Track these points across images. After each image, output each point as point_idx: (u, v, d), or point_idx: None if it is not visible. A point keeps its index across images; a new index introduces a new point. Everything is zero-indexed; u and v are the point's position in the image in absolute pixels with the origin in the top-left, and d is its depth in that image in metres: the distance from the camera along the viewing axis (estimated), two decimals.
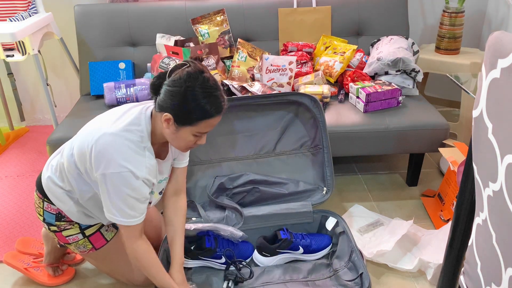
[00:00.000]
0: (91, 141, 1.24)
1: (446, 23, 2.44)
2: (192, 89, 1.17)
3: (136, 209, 1.27)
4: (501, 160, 0.77)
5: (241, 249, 1.65)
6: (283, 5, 2.38)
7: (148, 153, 1.27)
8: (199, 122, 1.21)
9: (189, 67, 1.20)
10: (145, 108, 1.31)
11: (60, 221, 1.43)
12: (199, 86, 1.18)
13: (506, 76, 0.75)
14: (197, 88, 1.18)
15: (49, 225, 1.45)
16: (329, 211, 1.76)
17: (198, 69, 1.19)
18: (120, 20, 2.31)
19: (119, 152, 1.21)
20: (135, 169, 1.22)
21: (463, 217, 1.13)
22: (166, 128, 1.24)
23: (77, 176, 1.33)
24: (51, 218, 1.43)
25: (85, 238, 1.46)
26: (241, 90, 2.05)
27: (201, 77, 1.19)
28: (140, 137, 1.26)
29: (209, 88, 1.19)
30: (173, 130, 1.24)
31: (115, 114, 1.32)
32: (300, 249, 1.63)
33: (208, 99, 1.19)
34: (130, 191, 1.23)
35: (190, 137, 1.25)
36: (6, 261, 1.65)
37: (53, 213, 1.43)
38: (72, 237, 1.46)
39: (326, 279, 1.57)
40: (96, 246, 1.48)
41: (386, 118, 2.00)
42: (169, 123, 1.22)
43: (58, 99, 2.75)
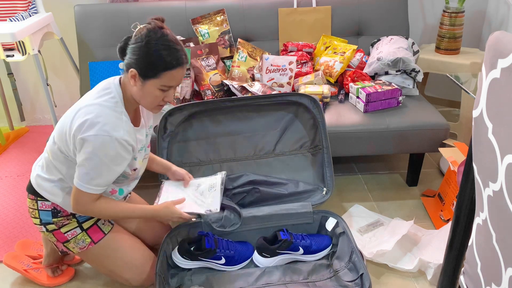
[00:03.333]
0: (69, 119, 1.31)
1: (446, 23, 2.44)
2: (152, 42, 1.25)
3: (103, 176, 1.31)
4: (501, 160, 0.77)
5: (241, 250, 1.65)
6: (283, 5, 2.38)
7: (124, 117, 1.33)
8: (162, 73, 1.28)
9: (149, 25, 1.28)
10: (112, 79, 1.38)
11: (57, 217, 1.44)
12: (159, 39, 1.26)
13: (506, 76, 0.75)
14: (157, 41, 1.26)
15: (46, 224, 1.45)
16: (329, 212, 1.76)
17: (158, 26, 1.28)
18: (120, 20, 2.31)
19: (97, 116, 1.27)
20: (114, 131, 1.27)
21: (463, 217, 1.13)
22: (133, 86, 1.31)
23: (63, 160, 1.37)
24: (48, 216, 1.44)
25: (84, 231, 1.47)
26: (241, 90, 2.05)
27: (160, 32, 1.27)
28: (114, 103, 1.32)
29: (168, 42, 1.27)
30: (139, 86, 1.30)
31: (83, 96, 1.39)
32: (300, 250, 1.63)
33: (168, 51, 1.27)
34: (103, 155, 1.27)
35: (157, 91, 1.31)
36: (6, 262, 1.65)
37: (48, 210, 1.44)
38: (70, 232, 1.46)
39: (327, 280, 1.57)
40: (95, 240, 1.48)
41: (386, 118, 2.00)
42: (135, 79, 1.29)
43: (58, 99, 2.75)
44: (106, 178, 1.32)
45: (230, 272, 1.61)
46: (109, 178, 1.33)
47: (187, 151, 1.87)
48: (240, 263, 1.64)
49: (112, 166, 1.31)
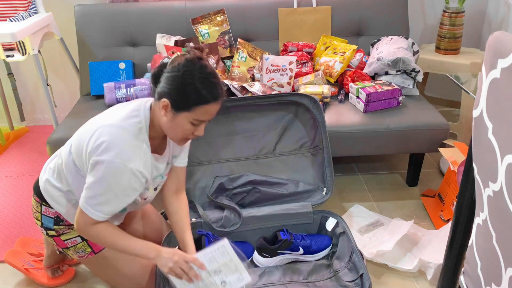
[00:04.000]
0: (89, 134, 1.25)
1: (446, 23, 2.44)
2: (189, 73, 1.18)
3: (108, 205, 1.24)
4: (501, 160, 0.77)
5: (241, 250, 1.65)
6: (283, 5, 2.38)
7: (145, 146, 1.26)
8: (196, 107, 1.20)
9: (188, 54, 1.21)
10: (144, 101, 1.32)
11: (58, 225, 1.42)
12: (197, 71, 1.19)
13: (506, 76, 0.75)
14: (195, 72, 1.19)
15: (47, 229, 1.44)
16: (329, 212, 1.76)
17: (197, 56, 1.21)
18: (120, 20, 2.31)
19: (116, 142, 1.21)
20: (130, 161, 1.20)
21: (463, 217, 1.13)
22: (163, 116, 1.23)
23: (75, 173, 1.32)
24: (50, 222, 1.42)
25: (84, 241, 1.45)
26: (241, 90, 2.05)
27: (199, 63, 1.20)
28: (138, 128, 1.25)
29: (206, 74, 1.20)
30: (170, 118, 1.23)
31: (113, 109, 1.33)
32: (300, 250, 1.63)
33: (205, 84, 1.19)
34: (114, 183, 1.21)
35: (188, 125, 1.23)
36: (7, 259, 1.65)
37: (51, 217, 1.41)
38: (70, 241, 1.44)
39: (326, 280, 1.57)
40: (95, 250, 1.46)
41: (386, 118, 2.00)
42: (167, 109, 1.22)
43: (58, 99, 2.75)
44: (113, 206, 1.25)
45: None
46: (116, 207, 1.26)
47: None
48: None
49: (122, 196, 1.24)
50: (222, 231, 1.68)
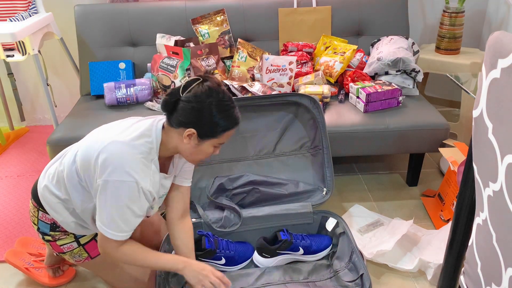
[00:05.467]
0: (98, 147, 1.23)
1: (446, 23, 2.44)
2: (215, 103, 1.21)
3: (129, 223, 1.25)
4: (501, 160, 0.77)
5: (241, 250, 1.65)
6: (283, 5, 2.38)
7: (153, 166, 1.27)
8: (222, 133, 1.26)
9: (206, 82, 1.23)
10: (156, 121, 1.31)
11: (54, 231, 1.41)
12: (221, 100, 1.23)
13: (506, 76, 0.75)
14: (219, 102, 1.22)
15: (43, 234, 1.43)
16: (329, 212, 1.76)
17: (217, 83, 1.24)
18: (120, 20, 2.31)
19: (127, 160, 1.20)
20: (140, 180, 1.21)
21: (463, 217, 1.13)
22: (186, 143, 1.26)
23: (76, 183, 1.30)
24: (46, 228, 1.41)
25: (80, 246, 1.44)
26: (241, 90, 2.05)
27: (221, 90, 1.24)
28: (149, 148, 1.26)
29: (228, 101, 1.25)
30: (194, 145, 1.26)
31: (124, 124, 1.31)
32: (300, 250, 1.63)
33: (229, 112, 1.25)
34: (129, 202, 1.21)
35: (211, 149, 1.29)
36: (8, 259, 1.64)
37: (47, 223, 1.40)
38: (66, 246, 1.43)
39: (327, 280, 1.57)
40: (92, 255, 1.45)
41: (386, 118, 2.00)
42: (191, 138, 1.24)
43: (58, 99, 2.75)
44: (132, 224, 1.26)
45: (230, 272, 1.61)
46: (134, 223, 1.27)
47: None
48: (240, 264, 1.63)
49: (139, 212, 1.25)
50: (222, 231, 1.68)
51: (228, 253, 1.60)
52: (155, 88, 2.19)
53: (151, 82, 2.19)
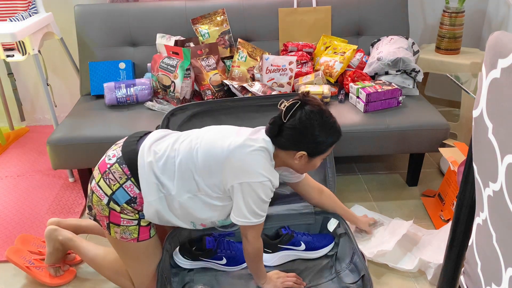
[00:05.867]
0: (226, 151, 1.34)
1: (446, 23, 2.44)
2: (318, 124, 1.33)
3: (264, 210, 1.39)
4: (501, 160, 0.77)
5: (242, 250, 1.65)
6: (283, 5, 2.38)
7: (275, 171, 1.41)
8: (329, 148, 1.40)
9: (307, 105, 1.33)
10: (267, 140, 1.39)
11: (129, 204, 1.37)
12: (323, 120, 1.34)
13: (506, 76, 0.75)
14: (324, 122, 1.34)
15: (113, 201, 1.37)
16: (331, 212, 1.75)
17: (318, 104, 1.35)
18: (120, 20, 2.31)
19: (259, 163, 1.34)
20: (273, 178, 1.36)
21: (463, 217, 1.13)
22: (298, 163, 1.39)
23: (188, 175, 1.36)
24: (124, 198, 1.36)
25: (137, 226, 1.42)
26: (241, 90, 2.05)
27: (322, 110, 1.35)
28: (270, 158, 1.39)
29: (330, 118, 1.36)
30: (304, 162, 1.40)
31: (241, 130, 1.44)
32: (301, 245, 1.63)
33: (333, 129, 1.37)
34: (265, 197, 1.35)
35: (319, 162, 1.43)
36: (9, 257, 1.63)
37: (130, 195, 1.36)
38: (127, 221, 1.39)
39: (328, 282, 1.56)
40: (140, 238, 1.44)
41: (386, 118, 2.00)
42: (302, 158, 1.37)
43: (58, 99, 2.75)
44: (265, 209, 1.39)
45: (232, 272, 1.61)
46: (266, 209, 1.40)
47: None
48: (242, 263, 1.63)
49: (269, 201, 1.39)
50: (224, 231, 1.68)
51: (229, 253, 1.60)
52: (155, 88, 2.19)
53: (151, 82, 2.19)
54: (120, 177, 1.36)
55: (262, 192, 1.34)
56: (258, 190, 1.33)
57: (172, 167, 1.36)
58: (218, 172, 1.35)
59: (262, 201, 1.35)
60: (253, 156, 1.33)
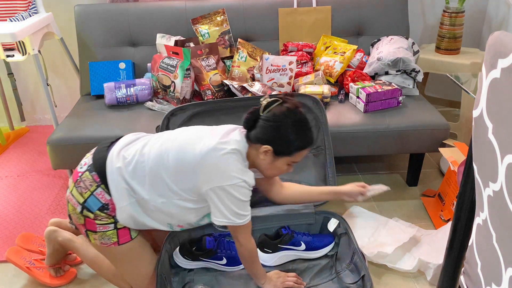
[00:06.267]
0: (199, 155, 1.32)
1: (446, 23, 2.44)
2: (291, 123, 1.32)
3: (247, 209, 1.37)
4: (501, 160, 0.77)
5: None
6: (283, 5, 2.38)
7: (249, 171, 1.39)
8: (296, 152, 1.36)
9: (286, 103, 1.34)
10: (242, 134, 1.39)
11: (102, 211, 1.37)
12: (298, 120, 1.34)
13: (506, 76, 0.75)
14: (296, 122, 1.33)
15: (86, 209, 1.37)
16: (331, 212, 1.75)
17: (295, 105, 1.34)
18: (120, 20, 2.31)
19: (233, 166, 1.32)
20: (247, 178, 1.34)
21: (463, 217, 1.13)
22: (262, 159, 1.37)
23: (160, 181, 1.34)
24: (95, 205, 1.36)
25: (115, 229, 1.41)
26: (241, 90, 2.05)
27: (298, 111, 1.34)
28: (242, 158, 1.37)
29: (305, 121, 1.35)
30: (269, 161, 1.37)
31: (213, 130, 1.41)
32: (302, 245, 1.63)
33: (305, 132, 1.35)
34: (243, 197, 1.34)
35: (284, 166, 1.40)
36: (9, 257, 1.63)
37: (101, 202, 1.36)
38: (103, 226, 1.40)
39: (328, 282, 1.56)
40: (120, 241, 1.43)
41: (386, 118, 2.00)
42: (267, 154, 1.35)
43: (58, 99, 2.75)
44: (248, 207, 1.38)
45: (232, 272, 1.61)
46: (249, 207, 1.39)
47: None
48: (241, 264, 1.63)
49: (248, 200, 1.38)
50: (224, 231, 1.68)
51: (229, 253, 1.60)
52: (155, 88, 2.19)
53: (151, 82, 2.19)
54: (90, 184, 1.37)
55: (238, 193, 1.33)
56: (233, 192, 1.32)
57: (142, 172, 1.35)
58: (191, 176, 1.33)
59: (240, 201, 1.34)
60: (225, 159, 1.32)
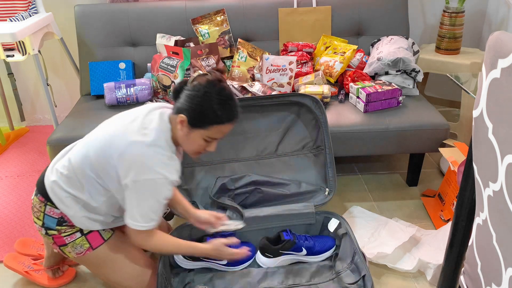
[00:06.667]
0: (117, 147, 1.28)
1: (446, 23, 2.44)
2: (209, 94, 1.27)
3: (158, 213, 1.33)
4: (501, 160, 0.77)
5: None
6: (283, 5, 2.38)
7: (175, 156, 1.34)
8: (211, 126, 1.29)
9: (209, 76, 1.29)
10: (162, 114, 1.35)
11: (61, 225, 1.41)
12: (216, 93, 1.27)
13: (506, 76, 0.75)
14: (214, 94, 1.27)
15: (47, 229, 1.42)
16: (332, 212, 1.75)
17: (217, 78, 1.29)
18: (120, 20, 2.31)
19: (152, 159, 1.27)
20: (169, 174, 1.29)
21: (463, 217, 1.13)
22: (180, 130, 1.31)
23: (94, 182, 1.34)
24: (52, 223, 1.41)
25: (83, 236, 1.44)
26: (241, 90, 2.05)
27: (219, 85, 1.29)
28: (167, 142, 1.32)
29: (224, 96, 1.29)
30: (185, 132, 1.31)
31: (134, 119, 1.34)
32: (303, 251, 1.63)
33: (222, 106, 1.28)
34: (159, 196, 1.30)
35: (201, 141, 1.33)
36: (7, 264, 1.64)
37: (55, 217, 1.40)
38: (69, 236, 1.43)
39: (329, 281, 1.56)
40: (93, 245, 1.45)
41: (386, 118, 2.00)
42: (183, 124, 1.30)
43: (58, 99, 2.75)
44: (159, 213, 1.34)
45: (232, 272, 1.61)
46: (161, 211, 1.35)
47: None
48: (242, 264, 1.63)
49: (164, 202, 1.33)
50: (225, 232, 1.68)
51: None
52: (155, 88, 2.19)
53: (151, 82, 2.19)
54: (40, 206, 1.41)
55: (156, 190, 1.28)
56: (150, 188, 1.27)
57: (75, 178, 1.36)
58: (113, 172, 1.30)
59: (156, 202, 1.30)
60: (146, 152, 1.27)
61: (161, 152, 1.29)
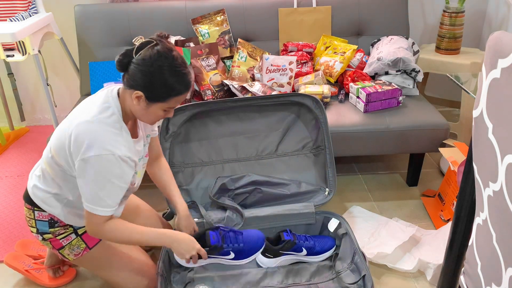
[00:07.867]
0: (67, 134, 1.26)
1: (446, 23, 2.44)
2: (163, 68, 1.21)
3: (112, 196, 1.28)
4: (501, 160, 0.77)
5: (250, 240, 1.61)
6: (283, 5, 2.38)
7: (124, 133, 1.29)
8: (170, 98, 1.26)
9: (157, 46, 1.23)
10: (110, 90, 1.33)
11: (54, 227, 1.42)
12: (170, 65, 1.22)
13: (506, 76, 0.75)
14: (168, 67, 1.22)
15: (43, 234, 1.43)
16: (332, 213, 1.75)
17: (168, 48, 1.23)
18: (120, 20, 2.31)
19: (98, 135, 1.23)
20: (116, 149, 1.23)
21: (463, 217, 1.13)
22: (136, 105, 1.27)
23: (61, 174, 1.34)
24: (45, 226, 1.42)
25: (78, 236, 1.45)
26: (241, 90, 2.05)
27: (171, 56, 1.23)
28: (113, 119, 1.28)
29: (178, 67, 1.23)
30: (143, 107, 1.27)
31: (82, 105, 1.34)
32: (303, 251, 1.63)
33: (178, 78, 1.24)
34: (110, 175, 1.24)
35: (160, 112, 1.29)
36: (7, 262, 1.65)
37: (45, 220, 1.42)
38: (65, 238, 1.44)
39: (329, 281, 1.56)
40: (90, 245, 1.46)
41: (386, 118, 2.00)
42: (140, 100, 1.25)
43: (58, 99, 2.75)
44: (115, 197, 1.29)
45: (232, 272, 1.61)
46: (117, 196, 1.30)
47: (189, 151, 1.87)
48: (250, 256, 1.60)
49: (120, 183, 1.28)
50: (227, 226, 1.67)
51: (236, 246, 1.57)
52: None
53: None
54: (30, 214, 1.43)
55: (105, 168, 1.22)
56: (98, 165, 1.22)
57: (49, 177, 1.38)
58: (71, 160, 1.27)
59: (107, 181, 1.23)
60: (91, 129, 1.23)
61: (104, 128, 1.24)
